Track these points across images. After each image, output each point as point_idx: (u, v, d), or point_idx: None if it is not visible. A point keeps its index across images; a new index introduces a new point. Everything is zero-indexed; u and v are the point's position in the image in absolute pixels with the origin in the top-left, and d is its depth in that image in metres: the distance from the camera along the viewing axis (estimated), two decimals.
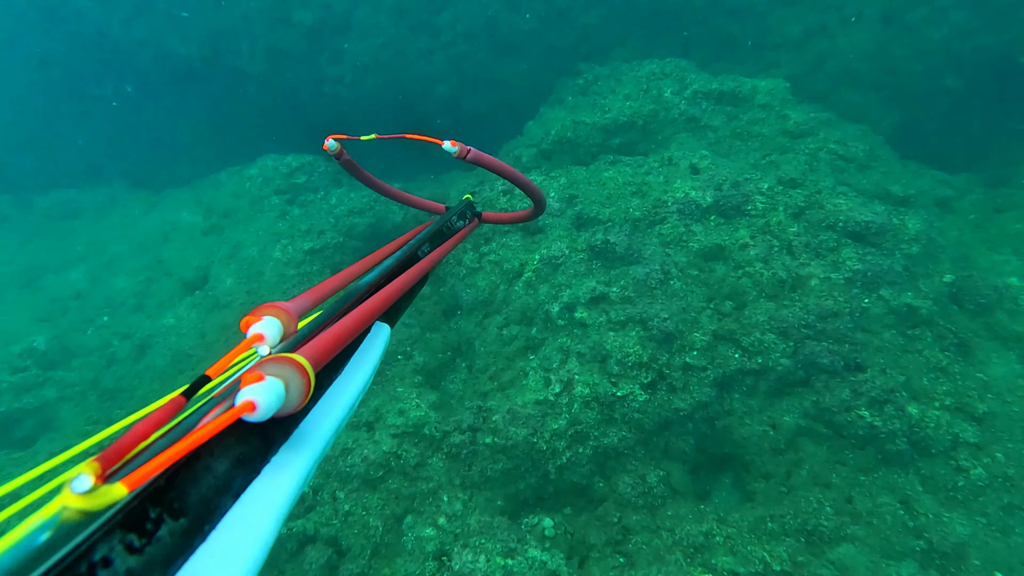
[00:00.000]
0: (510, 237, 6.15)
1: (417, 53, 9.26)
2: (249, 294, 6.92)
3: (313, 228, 7.63)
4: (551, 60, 9.50)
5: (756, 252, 5.08)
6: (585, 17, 9.21)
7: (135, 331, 6.93)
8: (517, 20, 9.18)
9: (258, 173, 8.62)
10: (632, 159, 6.48)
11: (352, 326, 0.87)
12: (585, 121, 7.10)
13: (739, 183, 5.65)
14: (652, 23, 9.11)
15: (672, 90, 7.19)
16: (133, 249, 8.41)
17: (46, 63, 10.51)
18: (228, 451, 0.66)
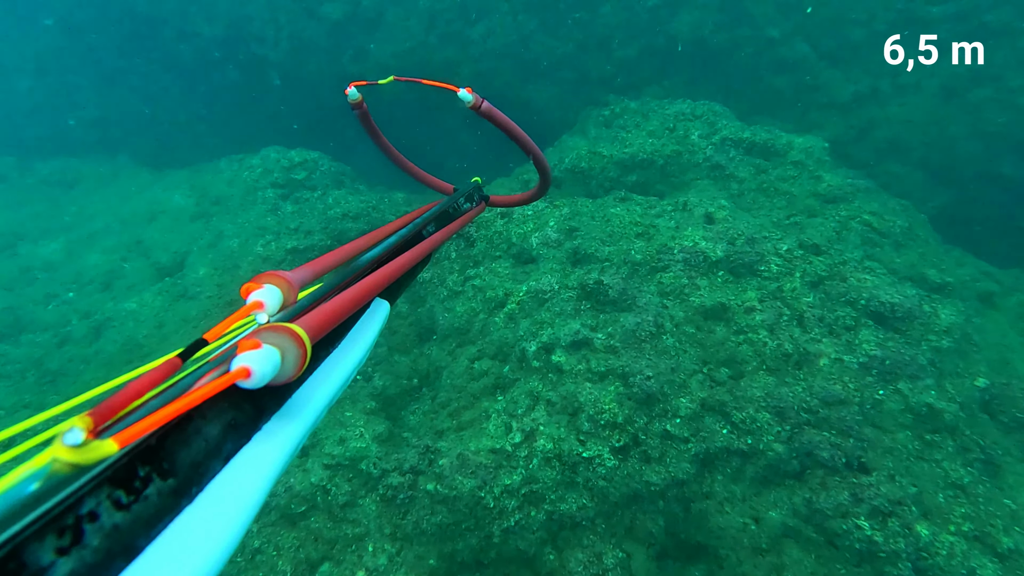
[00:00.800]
0: (500, 263, 5.84)
1: (444, 63, 9.19)
2: (220, 287, 6.69)
3: (302, 227, 7.42)
4: (582, 89, 9.35)
5: (763, 318, 4.67)
6: (624, 50, 9.07)
7: (95, 311, 6.73)
8: (552, 44, 9.08)
9: (259, 163, 8.52)
10: (644, 199, 6.18)
11: (352, 300, 0.90)
12: (602, 153, 6.84)
13: (756, 240, 5.29)
14: (694, 66, 8.92)
15: (700, 133, 6.91)
16: (117, 226, 8.30)
17: (71, 30, 10.70)
18: (220, 416, 0.68)
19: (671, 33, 8.73)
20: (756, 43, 8.19)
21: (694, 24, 8.53)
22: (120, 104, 11.57)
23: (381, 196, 8.45)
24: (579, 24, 8.99)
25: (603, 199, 6.26)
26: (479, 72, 9.14)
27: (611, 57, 9.13)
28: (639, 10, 8.83)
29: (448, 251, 6.27)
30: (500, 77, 9.21)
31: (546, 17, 8.97)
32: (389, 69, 9.28)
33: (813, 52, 7.84)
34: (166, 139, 11.72)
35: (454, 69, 9.19)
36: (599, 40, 9.05)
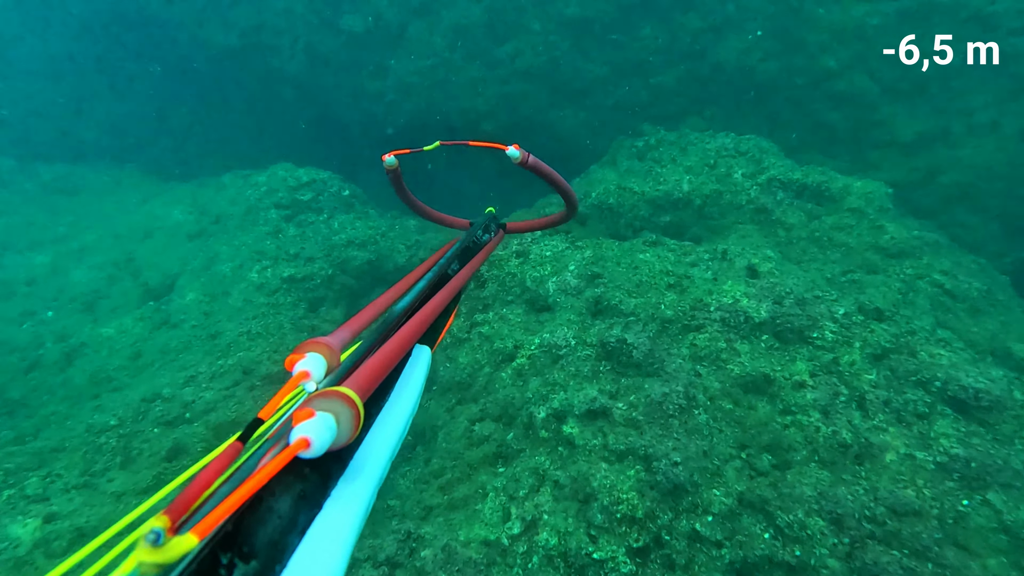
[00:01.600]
0: (512, 309, 5.33)
1: (468, 82, 8.84)
2: (206, 316, 6.30)
3: (303, 253, 7.04)
4: (615, 116, 8.91)
5: (815, 397, 4.06)
6: (662, 76, 8.63)
7: (72, 334, 6.39)
8: (585, 67, 8.68)
9: (264, 182, 8.21)
10: (678, 244, 5.63)
11: (393, 353, 0.96)
12: (633, 188, 6.33)
13: (806, 301, 4.69)
14: (738, 96, 8.42)
15: (744, 172, 6.37)
16: (109, 240, 8.04)
17: (85, 31, 10.68)
18: (289, 490, 0.72)
19: (715, 60, 8.26)
20: (810, 73, 7.65)
21: (741, 51, 8.04)
22: (134, 111, 11.50)
23: (391, 223, 8.05)
24: (615, 46, 8.59)
25: (631, 242, 5.74)
26: (504, 94, 8.77)
27: (648, 83, 8.68)
28: (681, 34, 8.39)
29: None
30: (527, 100, 8.82)
31: (580, 38, 8.59)
32: (410, 87, 8.96)
33: (874, 85, 7.27)
34: (177, 149, 11.60)
35: (478, 89, 8.83)
36: (635, 64, 8.63)
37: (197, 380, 5.21)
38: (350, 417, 0.75)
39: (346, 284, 7.09)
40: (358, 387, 0.79)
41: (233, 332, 5.80)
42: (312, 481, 0.75)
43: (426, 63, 8.78)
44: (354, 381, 0.81)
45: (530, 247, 5.71)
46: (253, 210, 7.83)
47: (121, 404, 5.00)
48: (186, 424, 4.77)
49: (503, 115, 8.90)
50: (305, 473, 0.74)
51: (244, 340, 5.70)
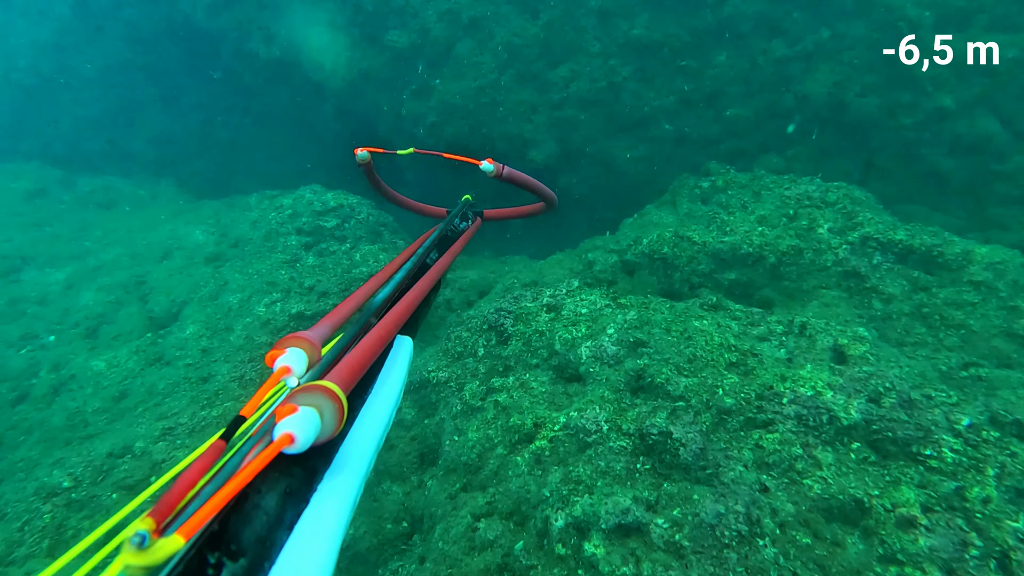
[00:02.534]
0: (536, 375, 4.57)
1: (517, 107, 8.27)
2: (203, 354, 5.83)
3: (318, 287, 6.53)
4: (679, 151, 8.12)
5: (931, 544, 3.09)
6: (739, 108, 7.80)
7: (66, 364, 6.05)
8: (648, 95, 7.95)
9: (290, 204, 7.82)
10: (745, 310, 4.74)
11: (374, 344, 0.98)
12: (692, 237, 5.48)
13: (915, 402, 3.73)
14: (828, 135, 7.49)
15: (832, 226, 5.42)
16: (127, 259, 7.80)
17: (137, 41, 10.80)
18: (274, 486, 0.73)
19: (801, 92, 7.37)
20: (920, 112, 6.65)
21: (835, 83, 7.13)
22: (180, 123, 11.55)
23: None
24: (685, 74, 7.84)
25: (686, 303, 4.89)
26: (556, 121, 8.13)
27: (720, 116, 7.87)
28: (763, 62, 7.56)
29: (476, 345, 5.09)
30: (581, 129, 8.15)
31: (645, 63, 7.89)
32: (454, 110, 8.47)
33: (1003, 129, 6.21)
34: (219, 164, 11.55)
35: (527, 114, 8.24)
36: (707, 95, 7.84)
37: (175, 433, 4.68)
38: (333, 411, 0.76)
39: None
40: (340, 380, 0.80)
41: (225, 376, 5.27)
42: (298, 477, 0.76)
43: (472, 84, 8.27)
44: (336, 374, 0.82)
45: (564, 301, 4.95)
46: (273, 235, 7.42)
47: (85, 458, 4.49)
48: None
49: (552, 144, 8.26)
50: (290, 469, 0.75)
51: (234, 387, 5.16)
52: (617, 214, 9.05)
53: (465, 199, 2.12)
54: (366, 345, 0.95)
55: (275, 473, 0.72)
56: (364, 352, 0.93)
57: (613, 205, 9.03)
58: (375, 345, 0.97)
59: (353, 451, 0.86)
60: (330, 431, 0.76)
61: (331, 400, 0.76)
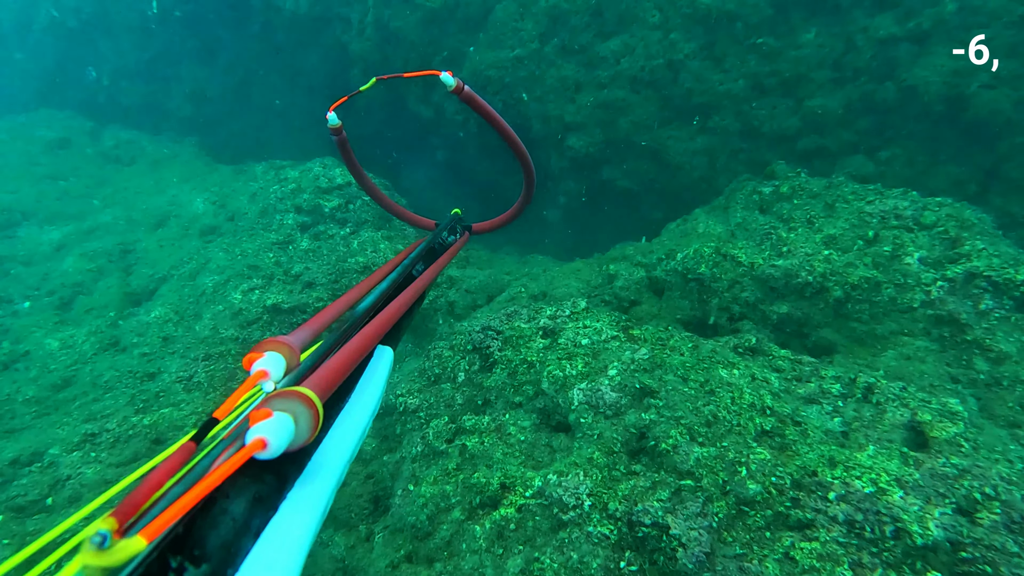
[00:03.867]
0: (517, 416, 3.78)
1: (559, 84, 7.38)
2: (163, 343, 5.35)
3: (304, 276, 5.94)
4: (746, 145, 7.05)
5: None
6: (824, 98, 6.65)
7: (26, 338, 5.69)
8: (713, 77, 6.90)
9: (295, 178, 7.26)
10: (792, 358, 3.77)
11: (354, 353, 1.00)
12: (737, 257, 4.49)
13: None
14: (937, 136, 6.26)
15: (925, 255, 4.32)
16: (122, 224, 7.46)
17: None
18: (243, 491, 0.73)
19: (908, 82, 6.16)
20: None
21: (952, 71, 5.90)
22: (217, 80, 11.25)
23: None
24: (761, 53, 6.74)
25: (716, 342, 3.94)
26: (602, 102, 7.19)
27: (800, 107, 6.73)
28: (862, 43, 6.38)
29: (456, 369, 4.34)
30: (630, 113, 7.18)
31: (714, 38, 6.84)
32: (487, 82, 7.67)
33: None
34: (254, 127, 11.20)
35: (570, 95, 7.34)
36: (787, 80, 6.71)
37: (96, 443, 4.17)
38: (308, 418, 0.76)
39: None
40: (317, 387, 0.80)
41: (172, 376, 4.74)
42: (268, 483, 0.76)
43: (510, 54, 7.43)
44: (313, 381, 0.83)
45: (564, 325, 4.10)
46: (270, 211, 6.88)
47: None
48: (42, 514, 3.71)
49: (595, 130, 7.33)
50: (261, 475, 0.75)
51: (178, 390, 4.62)
52: (666, 214, 8.06)
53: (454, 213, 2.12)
54: (346, 353, 0.96)
55: (245, 478, 0.72)
56: (343, 360, 0.94)
57: (662, 205, 8.05)
58: (355, 354, 0.98)
59: (326, 460, 0.86)
60: (304, 438, 0.76)
61: (307, 407, 0.76)
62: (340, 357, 0.94)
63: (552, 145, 7.85)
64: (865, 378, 3.56)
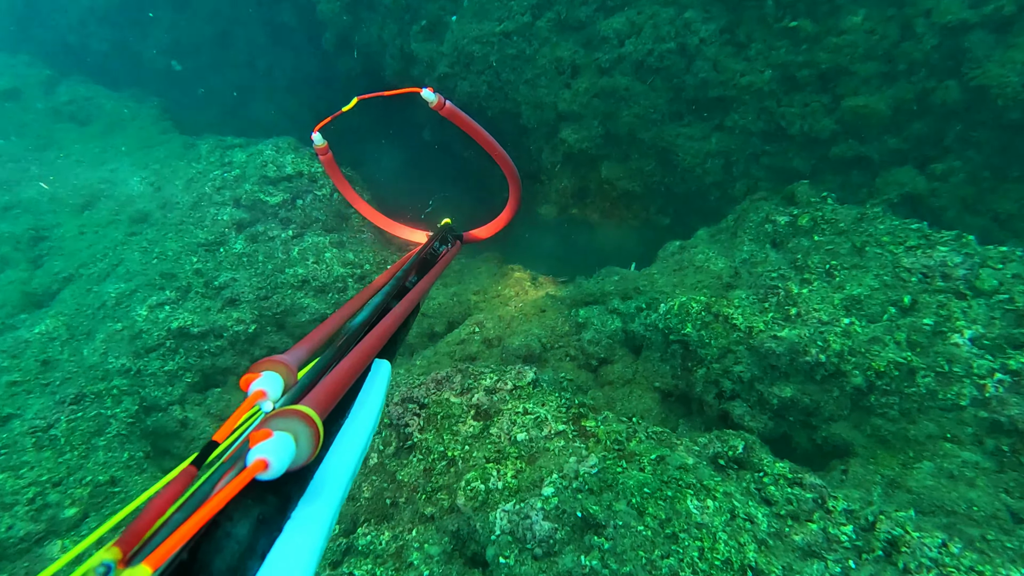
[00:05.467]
0: (425, 536, 2.90)
1: (553, 66, 6.31)
2: (43, 366, 4.52)
3: (225, 291, 5.08)
4: (768, 147, 5.99)
5: None
6: (870, 97, 5.55)
7: None
8: (734, 66, 5.80)
9: (242, 162, 6.34)
10: (787, 479, 2.84)
11: (352, 368, 1.00)
12: (733, 319, 3.46)
13: None
14: (1008, 145, 5.21)
15: (981, 333, 3.30)
16: (45, 203, 6.62)
17: None
18: (247, 514, 0.73)
19: (977, 80, 5.05)
20: None
21: None
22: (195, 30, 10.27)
23: (385, 257, 5.87)
24: (793, 39, 5.61)
25: (689, 449, 3.00)
26: (603, 90, 6.11)
27: (838, 105, 5.64)
28: (921, 29, 5.24)
29: (372, 450, 3.50)
30: (633, 104, 6.11)
31: (738, 19, 5.71)
32: (470, 59, 6.62)
33: None
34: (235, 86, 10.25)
35: (565, 79, 6.28)
36: (823, 73, 5.59)
37: None
38: (309, 436, 0.76)
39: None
40: (316, 405, 0.80)
41: (27, 423, 3.94)
42: (271, 504, 0.76)
43: (496, 27, 6.35)
44: (312, 399, 0.82)
45: (503, 406, 3.19)
46: (204, 203, 5.98)
47: None
48: None
49: (593, 122, 6.29)
50: (264, 496, 0.75)
51: (27, 445, 3.81)
52: (673, 221, 7.07)
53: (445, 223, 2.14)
54: (343, 369, 0.96)
55: (248, 500, 0.73)
56: (341, 376, 0.94)
57: (668, 210, 7.04)
58: (352, 369, 0.98)
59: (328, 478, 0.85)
60: (305, 457, 0.76)
61: (307, 425, 0.76)
62: (338, 373, 0.93)
63: (543, 136, 6.83)
64: (888, 525, 2.63)
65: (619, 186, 6.76)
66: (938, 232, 3.89)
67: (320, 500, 0.81)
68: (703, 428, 3.55)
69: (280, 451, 0.72)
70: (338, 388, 0.91)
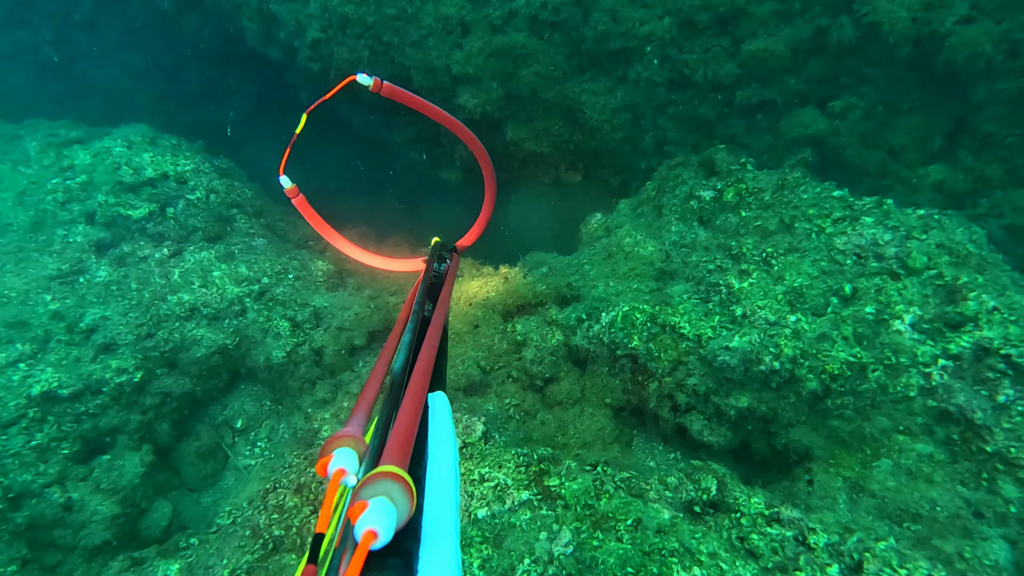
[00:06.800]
0: None
1: (439, 26, 5.69)
2: None
3: (98, 333, 4.32)
4: (675, 97, 5.80)
5: None
6: (768, 39, 5.41)
7: None
8: (632, 14, 5.45)
9: (86, 165, 5.33)
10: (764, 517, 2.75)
11: (412, 413, 1.02)
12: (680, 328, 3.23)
13: None
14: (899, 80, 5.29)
15: (919, 316, 3.31)
16: None
17: None
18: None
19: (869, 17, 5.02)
20: None
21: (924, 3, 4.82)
22: None
23: (289, 263, 5.24)
24: None
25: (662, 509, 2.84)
26: (497, 50, 5.58)
27: (738, 49, 5.46)
28: None
29: (229, 564, 3.09)
30: (531, 62, 5.65)
31: None
32: (345, 22, 5.85)
33: None
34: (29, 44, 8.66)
35: (455, 39, 5.69)
36: (721, 16, 5.37)
37: None
38: (402, 492, 0.77)
39: (174, 394, 4.44)
40: (395, 460, 0.82)
41: None
42: (396, 567, 0.77)
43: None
44: (389, 456, 0.83)
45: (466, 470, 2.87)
46: (48, 222, 5.00)
47: None
48: None
49: (493, 83, 5.79)
50: (386, 562, 0.76)
51: None
52: (584, 177, 6.82)
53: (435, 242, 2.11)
54: (404, 417, 0.97)
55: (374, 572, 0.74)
56: (405, 425, 0.95)
57: (580, 167, 6.77)
58: (413, 414, 1.00)
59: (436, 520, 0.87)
60: (406, 512, 0.77)
61: (395, 482, 0.77)
62: (401, 423, 0.94)
63: (439, 102, 6.24)
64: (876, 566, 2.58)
65: (526, 148, 6.37)
66: (859, 199, 3.85)
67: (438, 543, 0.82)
68: (661, 441, 3.41)
69: (382, 516, 0.73)
70: (408, 437, 0.92)
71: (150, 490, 4.11)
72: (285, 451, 3.78)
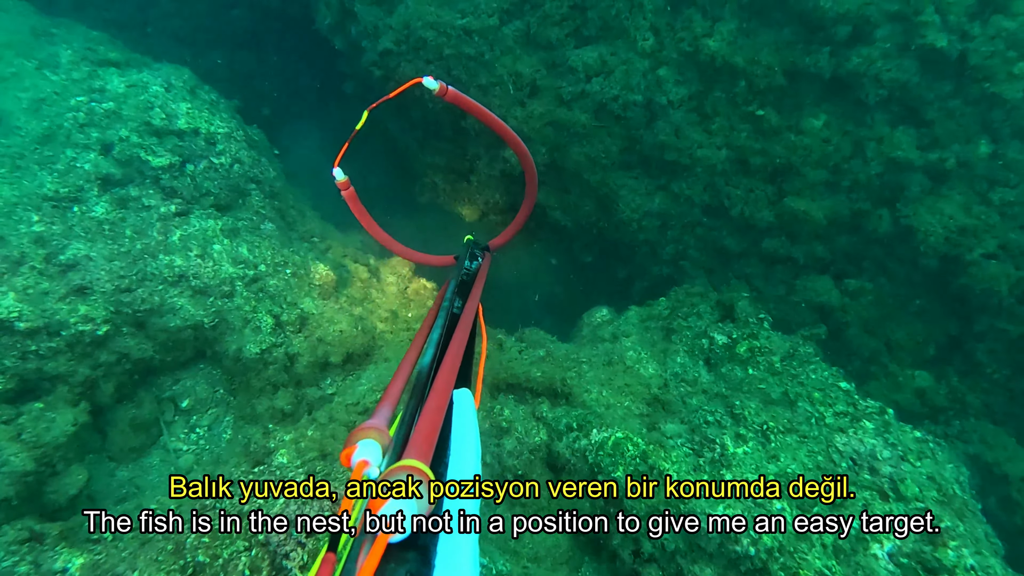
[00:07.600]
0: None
1: (511, 79, 5.71)
2: None
3: (77, 272, 4.07)
4: (705, 220, 5.89)
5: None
6: (811, 202, 5.56)
7: None
8: (694, 136, 5.56)
9: (120, 94, 5.09)
10: None
11: (437, 409, 1.04)
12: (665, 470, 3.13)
13: None
14: (915, 283, 5.47)
15: (897, 548, 3.34)
16: None
17: None
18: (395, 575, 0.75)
19: (907, 220, 5.19)
20: None
21: (960, 228, 5.00)
22: None
23: (291, 254, 5.07)
24: (755, 125, 5.46)
25: None
26: (558, 121, 5.63)
27: (780, 200, 5.60)
28: (871, 154, 5.28)
29: None
30: (583, 143, 5.69)
31: (708, 90, 5.44)
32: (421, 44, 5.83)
33: None
34: None
35: (520, 96, 5.71)
36: (776, 168, 5.51)
37: None
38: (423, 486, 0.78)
39: (131, 357, 4.19)
40: (418, 455, 0.84)
41: None
42: (413, 559, 0.78)
43: (458, 19, 5.58)
44: (412, 450, 0.86)
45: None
46: (58, 138, 4.74)
47: None
48: None
49: (542, 148, 5.82)
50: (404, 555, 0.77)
51: None
52: (596, 260, 6.85)
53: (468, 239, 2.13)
54: (429, 412, 0.97)
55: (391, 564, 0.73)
56: (430, 420, 0.95)
57: (594, 250, 6.80)
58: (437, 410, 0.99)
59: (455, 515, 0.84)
60: (427, 504, 0.77)
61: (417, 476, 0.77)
62: (426, 418, 0.95)
63: (484, 146, 6.25)
64: None
65: (551, 215, 6.39)
66: (864, 400, 3.90)
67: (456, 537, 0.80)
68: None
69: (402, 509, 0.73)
70: (431, 432, 0.92)
71: (71, 452, 3.83)
72: (230, 459, 3.57)
